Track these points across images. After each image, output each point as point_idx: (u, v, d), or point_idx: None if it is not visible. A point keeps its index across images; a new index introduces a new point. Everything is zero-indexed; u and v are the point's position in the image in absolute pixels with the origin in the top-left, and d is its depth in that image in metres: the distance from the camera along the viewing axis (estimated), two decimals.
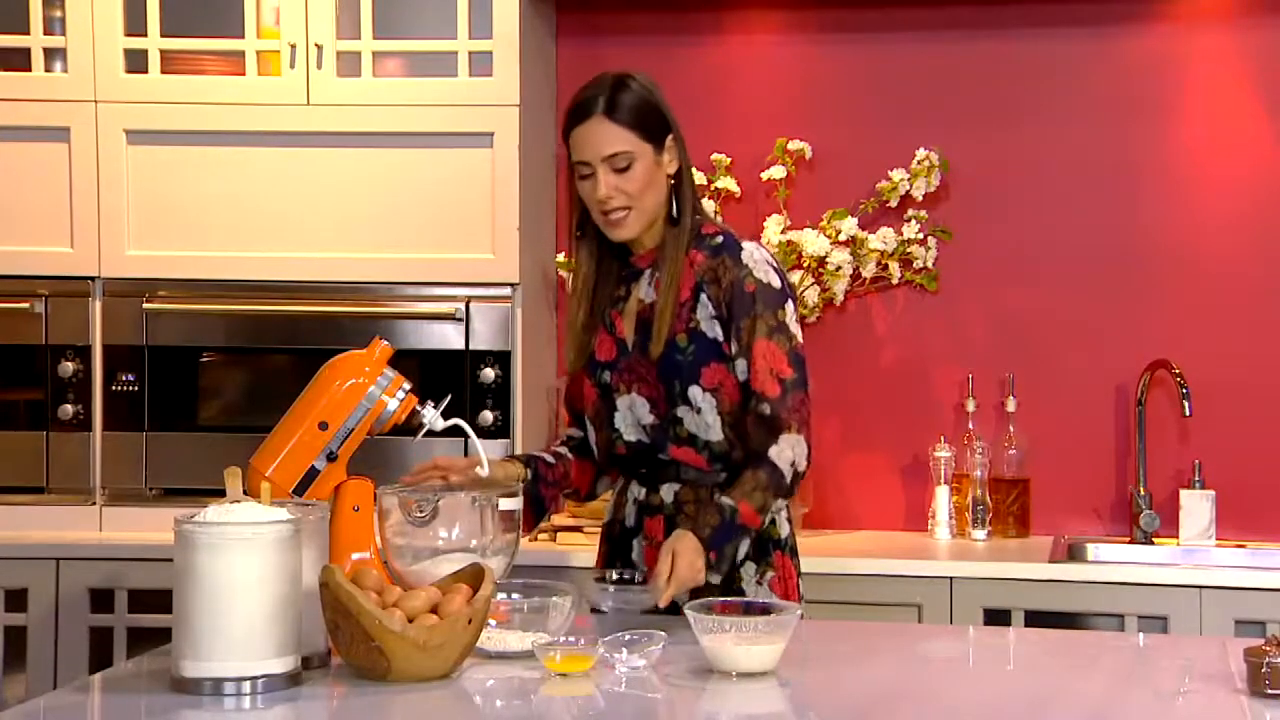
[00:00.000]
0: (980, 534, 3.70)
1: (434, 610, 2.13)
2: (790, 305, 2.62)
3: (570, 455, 2.81)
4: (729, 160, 3.81)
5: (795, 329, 2.62)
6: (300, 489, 2.36)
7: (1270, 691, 2.02)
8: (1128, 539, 3.67)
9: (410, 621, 2.09)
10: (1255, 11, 3.66)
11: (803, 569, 3.36)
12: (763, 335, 2.57)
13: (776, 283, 2.62)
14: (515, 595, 2.35)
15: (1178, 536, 3.62)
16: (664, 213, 2.66)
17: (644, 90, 2.64)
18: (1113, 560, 3.57)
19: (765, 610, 2.24)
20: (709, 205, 3.65)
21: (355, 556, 2.34)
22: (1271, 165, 3.68)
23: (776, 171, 3.78)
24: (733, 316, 2.59)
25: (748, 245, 2.65)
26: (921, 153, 3.74)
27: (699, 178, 3.79)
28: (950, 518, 3.73)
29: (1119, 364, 3.74)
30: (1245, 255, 3.70)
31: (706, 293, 2.61)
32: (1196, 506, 3.60)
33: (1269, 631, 3.09)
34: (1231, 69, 3.69)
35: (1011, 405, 3.76)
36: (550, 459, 2.79)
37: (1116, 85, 3.74)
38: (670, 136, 2.66)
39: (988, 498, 3.71)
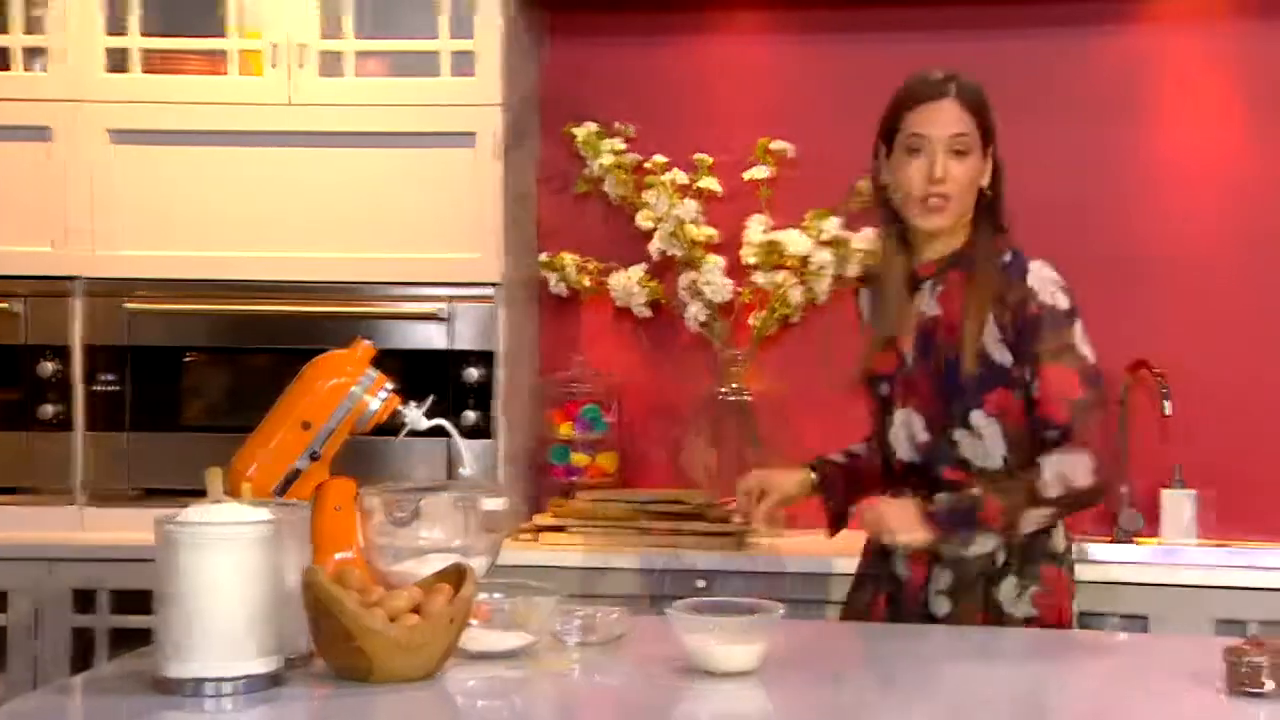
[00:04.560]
0: None
1: (416, 610, 2.13)
2: (1079, 324, 2.58)
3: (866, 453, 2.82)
4: (712, 160, 3.82)
5: (1085, 348, 2.58)
6: (282, 489, 2.36)
7: (1249, 690, 2.02)
8: (1109, 538, 3.68)
9: (392, 621, 2.09)
10: (1229, 13, 3.67)
11: (789, 569, 3.41)
12: (1049, 360, 2.54)
13: (1064, 303, 2.58)
14: (497, 595, 2.35)
15: (1159, 536, 3.63)
16: (965, 220, 2.64)
17: (982, 90, 2.67)
18: (1094, 560, 3.57)
19: (747, 610, 2.24)
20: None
21: (338, 556, 2.34)
22: (1248, 164, 3.69)
23: (759, 171, 3.79)
24: (1020, 341, 2.55)
25: (1034, 265, 2.61)
26: None
27: (681, 177, 3.81)
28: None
29: (1102, 363, 3.73)
30: (1224, 254, 3.71)
31: (995, 315, 2.57)
32: (1177, 506, 3.61)
33: (1249, 630, 3.10)
34: (1207, 69, 3.70)
35: None
36: (840, 458, 2.84)
37: (1095, 85, 3.75)
38: (994, 144, 2.66)
39: None
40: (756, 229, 3.78)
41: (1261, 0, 3.65)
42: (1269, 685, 2.02)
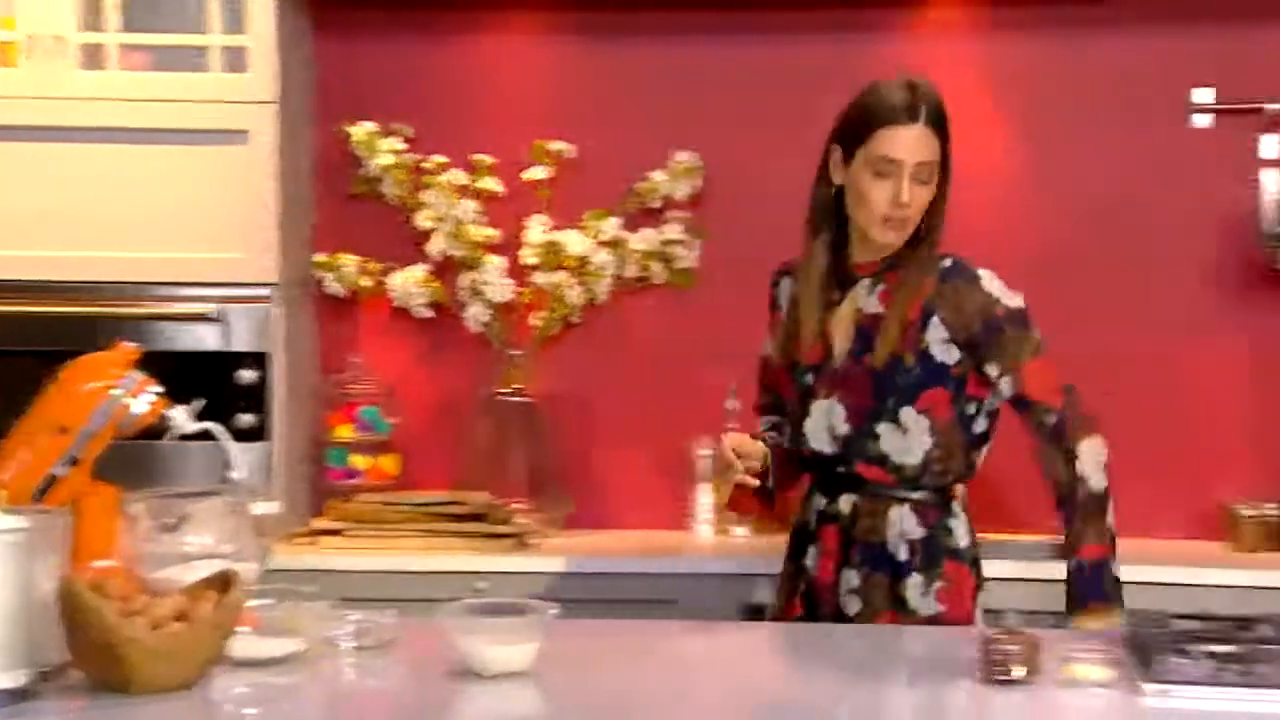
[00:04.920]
0: (741, 531, 3.77)
1: (182, 618, 2.08)
2: (1030, 316, 2.68)
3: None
4: (491, 160, 3.81)
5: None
6: (40, 495, 2.28)
7: (1000, 678, 2.10)
8: None
9: (155, 629, 2.03)
10: (989, 24, 3.80)
11: (564, 569, 3.42)
12: (1029, 356, 2.64)
13: (1020, 302, 2.68)
14: (268, 601, 2.31)
15: None
16: None
17: (943, 105, 2.67)
18: None
19: (521, 611, 2.24)
20: None
21: (98, 564, 2.27)
22: (1006, 171, 3.81)
23: (538, 172, 3.79)
24: (982, 343, 2.64)
25: (983, 273, 2.69)
26: (681, 155, 3.79)
27: (460, 177, 3.80)
28: (712, 515, 3.78)
29: None
30: (984, 253, 3.81)
31: (941, 316, 2.65)
32: None
33: (1009, 620, 3.20)
34: (969, 78, 3.82)
35: None
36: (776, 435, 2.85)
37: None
38: (948, 150, 2.68)
39: None
40: (536, 230, 3.78)
41: (1017, 15, 3.78)
42: (1019, 672, 2.09)
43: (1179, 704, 2.00)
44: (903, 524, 2.69)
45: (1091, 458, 2.62)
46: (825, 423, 2.71)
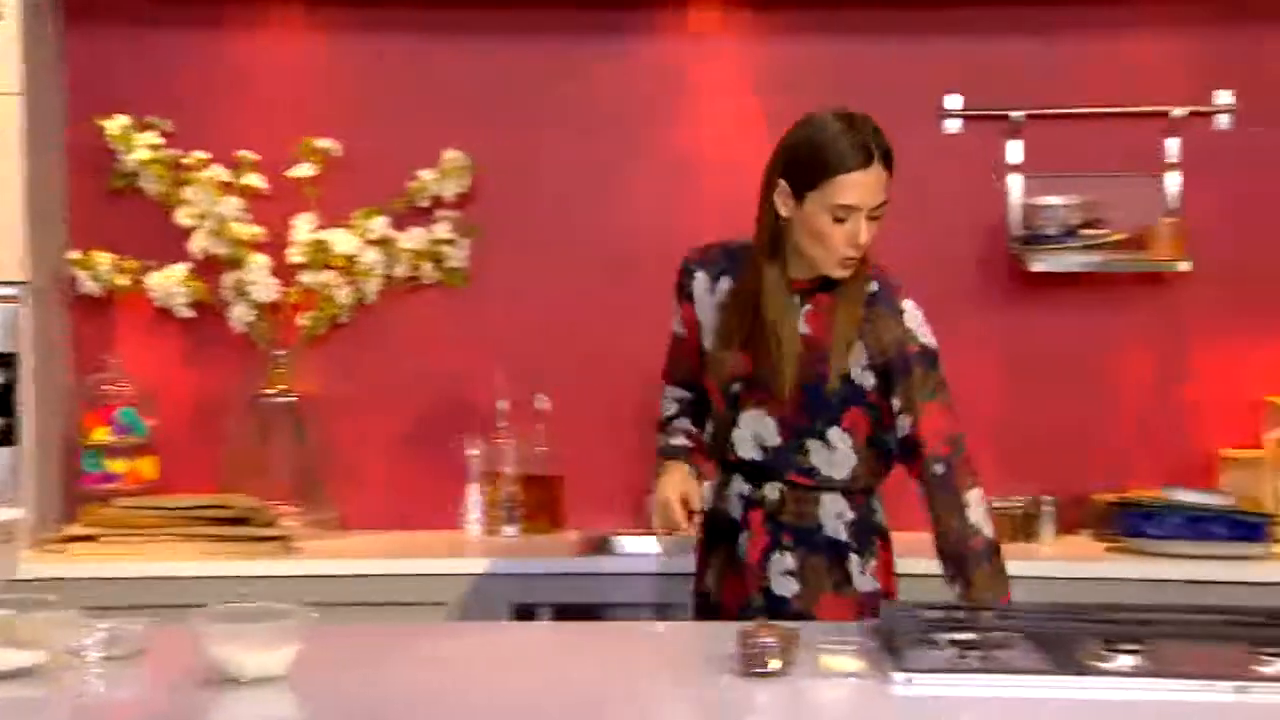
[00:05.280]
0: (511, 530, 3.76)
1: None
2: (939, 357, 2.71)
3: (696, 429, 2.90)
4: (255, 157, 3.73)
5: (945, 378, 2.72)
6: None
7: (757, 671, 2.13)
8: (646, 530, 3.80)
9: None
10: (752, 27, 3.86)
11: (331, 572, 3.38)
12: (927, 398, 2.67)
13: (933, 341, 2.71)
14: (8, 611, 2.22)
15: None
16: None
17: (883, 133, 2.66)
18: (636, 552, 3.69)
19: (278, 615, 2.20)
20: None
21: None
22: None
23: (304, 169, 3.73)
24: (893, 375, 2.68)
25: (907, 305, 2.71)
26: (450, 153, 3.77)
27: (222, 174, 3.72)
28: (482, 515, 3.77)
29: (643, 360, 3.84)
30: None
31: (864, 342, 2.68)
32: None
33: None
34: (730, 78, 3.89)
35: (542, 402, 3.84)
36: (688, 442, 2.89)
37: (629, 92, 3.88)
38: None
39: (520, 494, 3.77)
40: (303, 228, 3.72)
41: (777, 20, 3.85)
42: (775, 665, 2.13)
43: (923, 691, 2.06)
44: (835, 506, 2.75)
45: (980, 508, 2.67)
46: (752, 433, 2.75)
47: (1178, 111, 3.76)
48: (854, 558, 2.76)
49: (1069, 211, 3.72)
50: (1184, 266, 3.68)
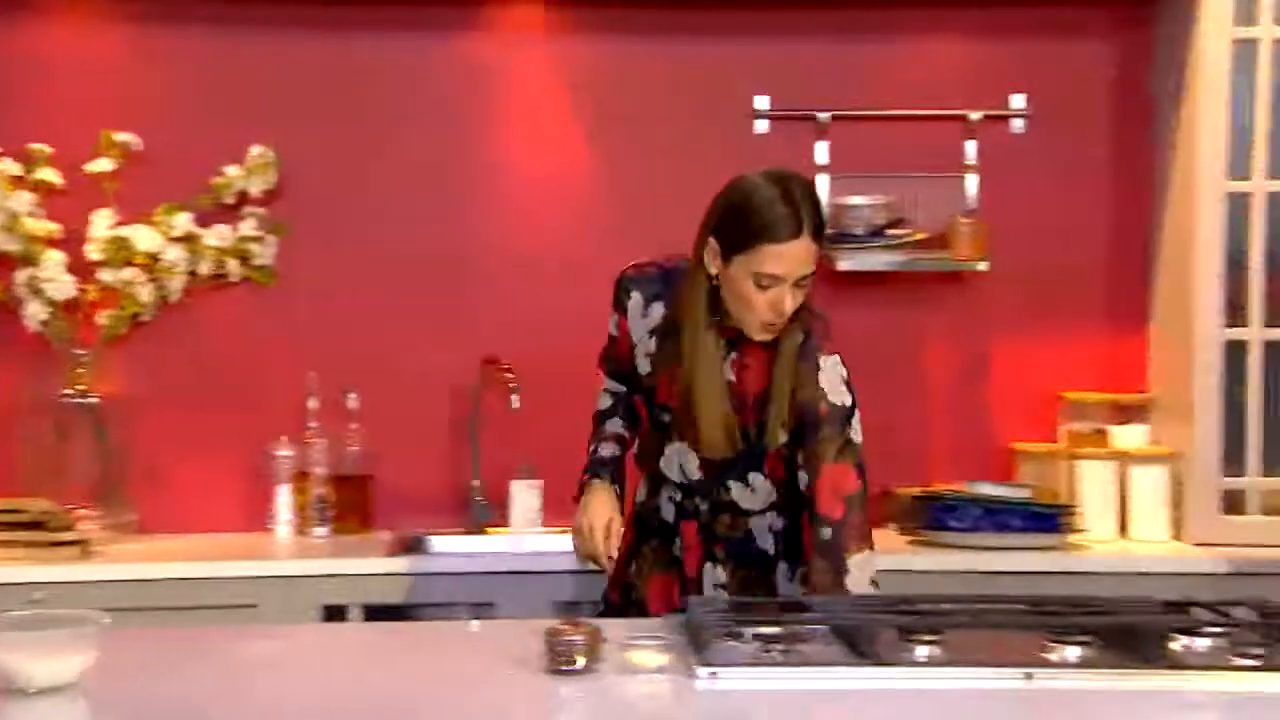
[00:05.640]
0: (321, 531, 3.72)
1: None
2: (856, 415, 2.68)
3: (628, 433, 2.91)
4: (50, 151, 3.62)
5: (859, 435, 2.68)
6: None
7: (564, 669, 2.14)
8: (461, 530, 3.80)
9: None
10: (565, 26, 3.87)
11: (133, 576, 3.29)
12: (830, 459, 2.64)
13: (847, 400, 2.68)
14: None
15: (508, 525, 3.78)
16: None
17: (816, 193, 2.62)
18: (447, 551, 3.68)
19: (69, 622, 2.13)
20: None
21: None
22: (583, 170, 3.91)
23: (103, 164, 3.63)
24: (804, 430, 2.65)
25: (825, 362, 2.68)
26: (256, 149, 3.71)
27: (13, 168, 3.61)
28: (292, 516, 3.72)
29: (455, 360, 3.85)
30: (567, 255, 3.91)
31: None
32: (525, 496, 3.77)
33: (584, 611, 3.28)
34: (548, 79, 3.89)
35: (353, 402, 3.80)
36: (617, 451, 2.90)
37: (443, 90, 3.86)
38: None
39: (330, 495, 3.73)
40: (102, 224, 3.63)
41: (595, 19, 3.86)
42: (581, 662, 2.14)
43: (726, 685, 2.08)
44: (765, 520, 2.77)
45: (861, 575, 2.63)
46: (678, 463, 2.78)
47: (975, 115, 3.87)
48: (782, 566, 2.79)
49: (874, 211, 3.80)
50: (982, 266, 3.79)
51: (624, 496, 2.89)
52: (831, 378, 2.68)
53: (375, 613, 3.36)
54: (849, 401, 2.69)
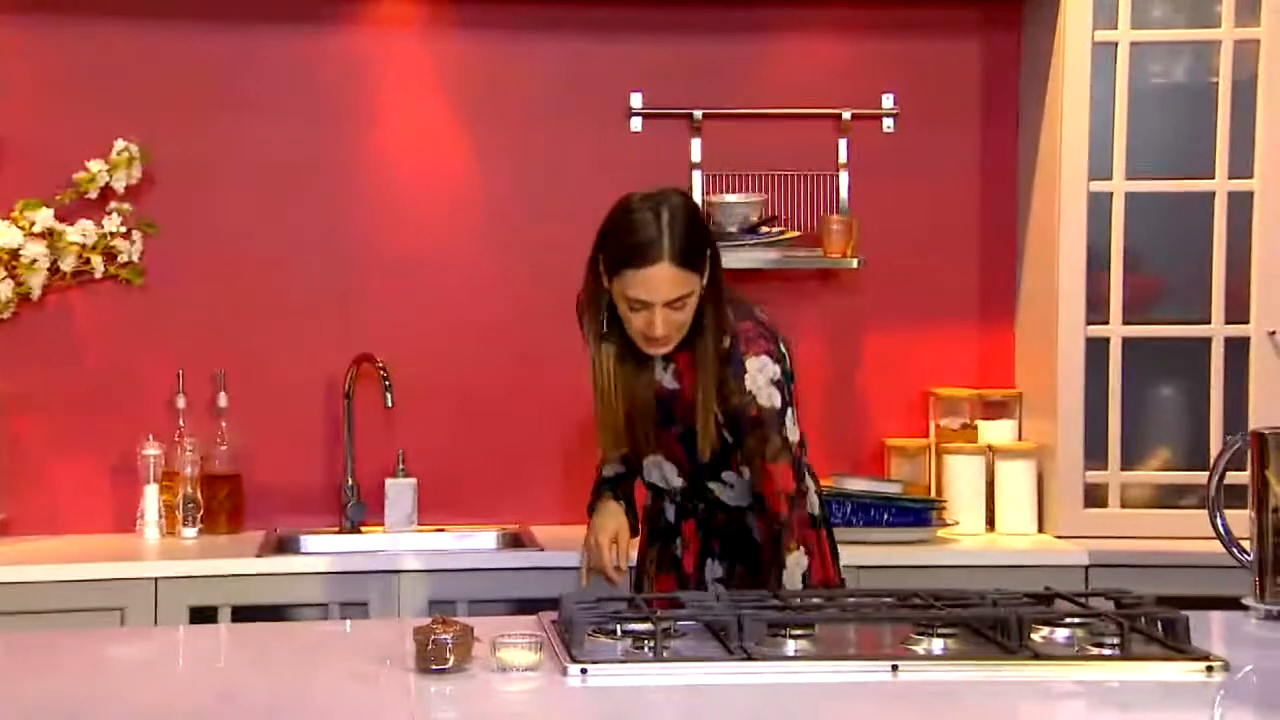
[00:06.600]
0: (191, 532, 3.67)
1: None
2: (790, 413, 2.70)
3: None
4: None
5: (794, 433, 2.71)
6: None
7: (434, 668, 2.13)
8: (336, 529, 3.76)
9: None
10: (440, 21, 3.85)
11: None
12: (769, 459, 2.67)
13: (777, 400, 2.68)
14: None
15: (383, 523, 3.75)
16: None
17: (692, 216, 2.62)
18: (320, 551, 3.64)
19: None
20: None
21: None
22: (462, 168, 3.88)
23: None
24: (740, 434, 2.69)
25: (751, 364, 2.67)
26: (120, 144, 3.64)
27: None
28: (160, 517, 3.66)
29: (328, 358, 3.81)
30: (441, 253, 3.88)
31: (717, 405, 2.68)
32: (400, 494, 3.75)
33: (460, 610, 3.27)
34: (422, 74, 3.87)
35: (223, 401, 3.75)
36: (622, 469, 2.92)
37: (317, 84, 3.82)
38: (709, 254, 2.63)
39: (199, 495, 3.67)
40: None
41: (469, 14, 3.84)
42: (451, 660, 2.13)
43: (596, 682, 2.09)
44: (756, 515, 2.78)
45: (795, 574, 2.67)
46: (659, 473, 2.84)
47: (847, 114, 3.91)
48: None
49: (748, 209, 3.83)
50: (854, 263, 3.83)
51: (634, 512, 2.95)
52: (759, 380, 2.70)
53: (246, 614, 3.31)
54: (779, 402, 2.71)
